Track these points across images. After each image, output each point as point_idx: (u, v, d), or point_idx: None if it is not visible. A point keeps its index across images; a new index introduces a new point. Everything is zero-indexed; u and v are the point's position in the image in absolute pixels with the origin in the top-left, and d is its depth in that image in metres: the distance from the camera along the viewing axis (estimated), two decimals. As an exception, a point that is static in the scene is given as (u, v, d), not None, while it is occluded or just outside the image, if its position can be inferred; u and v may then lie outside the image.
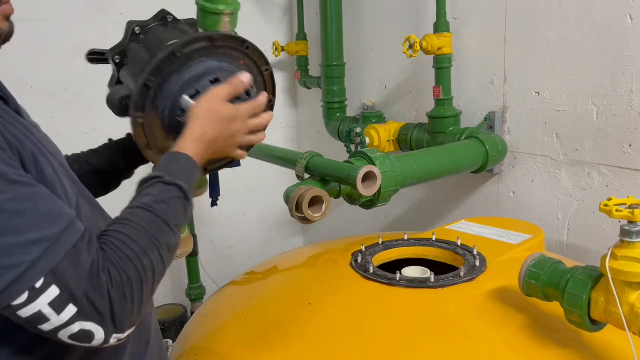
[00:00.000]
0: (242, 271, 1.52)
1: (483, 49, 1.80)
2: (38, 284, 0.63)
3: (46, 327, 0.65)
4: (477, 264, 1.25)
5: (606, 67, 1.50)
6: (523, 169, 1.75)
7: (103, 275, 0.67)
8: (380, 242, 1.41)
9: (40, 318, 0.64)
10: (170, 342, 2.01)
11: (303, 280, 1.37)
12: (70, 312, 0.65)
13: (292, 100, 2.80)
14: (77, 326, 0.66)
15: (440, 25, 1.74)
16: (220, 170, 1.07)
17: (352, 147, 2.01)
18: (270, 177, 2.55)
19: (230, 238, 2.72)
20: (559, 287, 0.95)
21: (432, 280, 1.18)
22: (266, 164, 1.75)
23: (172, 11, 0.99)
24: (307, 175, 1.42)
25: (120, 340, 0.70)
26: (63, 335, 0.66)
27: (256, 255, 2.73)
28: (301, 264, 1.52)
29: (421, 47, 1.70)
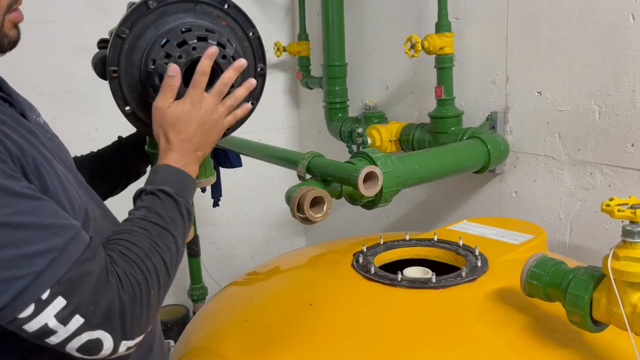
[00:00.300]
0: (244, 272, 1.52)
1: (485, 48, 1.80)
2: (44, 296, 0.62)
3: (53, 340, 0.64)
4: (479, 264, 1.24)
5: (608, 67, 1.49)
6: (525, 169, 1.75)
7: (113, 279, 0.68)
8: (381, 242, 1.41)
9: (47, 331, 0.63)
10: (172, 342, 2.00)
11: (304, 281, 1.37)
12: (77, 322, 0.64)
13: (293, 101, 2.80)
14: (85, 336, 0.65)
15: (442, 25, 1.73)
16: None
17: (354, 147, 2.01)
18: (271, 177, 2.55)
19: (232, 238, 2.73)
20: (560, 288, 0.94)
21: (434, 280, 1.17)
22: (268, 165, 1.75)
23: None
24: (308, 176, 1.42)
25: (129, 348, 0.69)
26: (71, 348, 0.65)
27: (258, 256, 2.73)
28: (302, 264, 1.52)
29: (423, 47, 1.70)
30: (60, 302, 0.63)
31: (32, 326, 0.63)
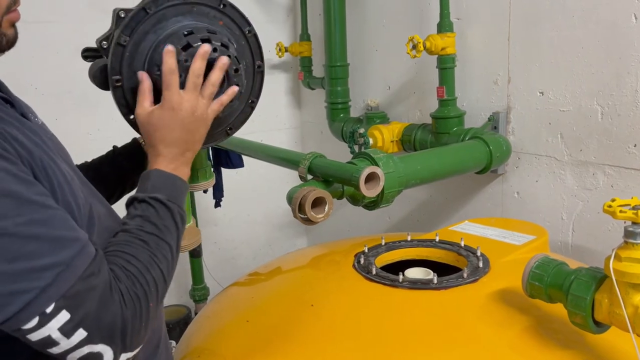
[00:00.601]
0: (245, 272, 1.52)
1: (487, 49, 1.79)
2: (48, 309, 0.63)
3: (55, 350, 0.65)
4: (481, 265, 1.24)
5: (611, 67, 1.49)
6: (527, 170, 1.75)
7: (116, 295, 0.69)
8: (383, 243, 1.40)
9: (49, 342, 0.65)
10: (174, 343, 2.00)
11: (305, 282, 1.37)
12: (80, 335, 0.65)
13: (295, 101, 2.80)
14: (86, 349, 0.66)
15: (444, 26, 1.73)
16: (219, 139, 1.02)
17: (356, 147, 2.01)
18: (273, 178, 2.55)
19: (234, 239, 2.73)
20: (562, 289, 0.94)
21: (435, 281, 1.17)
22: (269, 165, 1.75)
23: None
24: (310, 176, 1.42)
25: (128, 359, 0.71)
26: (72, 358, 0.67)
27: (260, 256, 2.73)
28: (304, 265, 1.52)
29: (425, 48, 1.69)
30: (64, 316, 0.64)
31: (35, 336, 0.64)
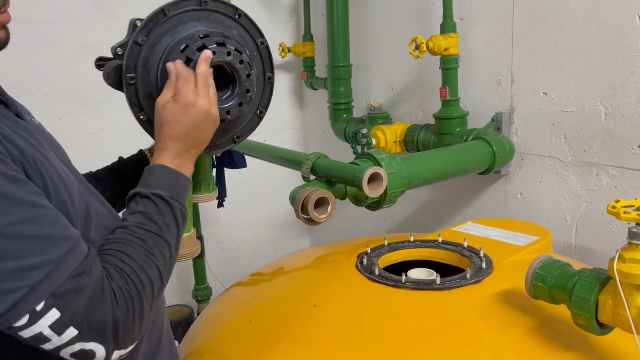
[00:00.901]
0: (248, 272, 1.53)
1: (490, 49, 1.79)
2: (39, 307, 0.63)
3: (48, 347, 0.66)
4: (484, 266, 1.24)
5: (615, 68, 1.48)
6: (531, 171, 1.74)
7: (108, 294, 0.68)
8: (386, 244, 1.40)
9: (41, 339, 0.65)
10: (177, 343, 2.00)
11: (308, 282, 1.37)
12: (71, 333, 0.65)
13: (298, 102, 2.80)
14: (78, 346, 0.66)
15: (447, 26, 1.73)
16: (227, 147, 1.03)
17: (359, 148, 2.01)
18: (276, 178, 2.54)
19: (237, 239, 2.73)
20: (566, 290, 0.94)
21: (438, 282, 1.17)
22: (272, 166, 1.75)
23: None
24: (313, 177, 1.42)
25: (122, 356, 0.71)
26: (65, 354, 0.67)
27: (263, 257, 2.73)
28: (307, 265, 1.52)
29: (428, 48, 1.69)
30: (54, 314, 0.64)
31: (27, 334, 0.65)
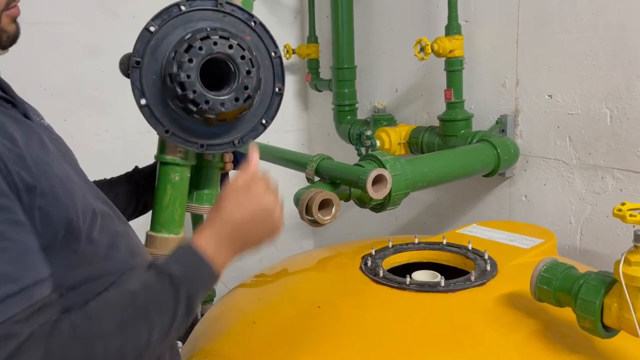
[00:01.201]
0: (251, 273, 1.52)
1: (495, 51, 1.79)
2: None
3: None
4: (488, 268, 1.24)
5: (620, 70, 1.48)
6: (535, 173, 1.74)
7: (38, 350, 0.61)
8: (390, 245, 1.40)
9: None
10: (180, 344, 2.00)
11: (312, 284, 1.37)
12: None
13: (302, 103, 2.80)
14: None
15: (452, 28, 1.73)
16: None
17: (363, 150, 2.01)
18: (280, 179, 2.53)
19: (241, 240, 2.73)
20: (571, 293, 0.93)
21: (443, 284, 1.17)
22: (276, 167, 1.75)
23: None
24: (317, 178, 1.42)
25: None
26: None
27: (266, 258, 2.72)
28: (311, 267, 1.52)
29: (432, 50, 1.69)
30: None
31: None
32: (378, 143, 1.94)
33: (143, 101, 0.91)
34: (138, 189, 1.12)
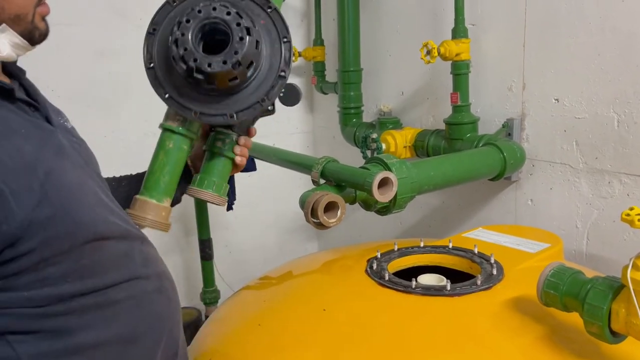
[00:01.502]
0: (256, 275, 1.52)
1: (501, 55, 1.79)
2: None
3: None
4: (494, 272, 1.23)
5: (628, 74, 1.47)
6: (541, 177, 1.73)
7: None
8: (395, 248, 1.40)
9: None
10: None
11: (318, 286, 1.37)
12: None
13: (308, 106, 2.80)
14: None
15: (459, 31, 1.73)
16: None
17: (368, 152, 2.00)
18: (285, 182, 2.55)
19: (245, 242, 2.73)
20: (578, 298, 0.93)
21: (449, 288, 1.16)
22: (282, 169, 1.75)
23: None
24: (322, 181, 1.42)
25: None
26: None
27: (271, 260, 2.73)
28: (316, 269, 1.52)
29: (439, 53, 1.69)
30: None
31: None
32: (384, 146, 1.94)
33: (150, 64, 0.95)
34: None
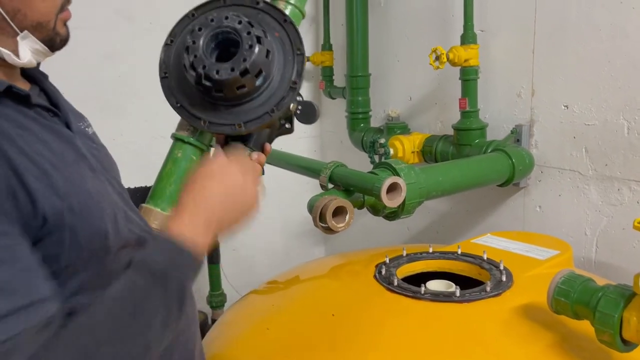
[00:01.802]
0: (263, 280, 1.52)
1: (510, 61, 1.78)
2: None
3: None
4: (504, 279, 1.22)
5: (638, 81, 1.47)
6: (550, 183, 1.72)
7: None
8: (404, 254, 1.39)
9: None
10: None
11: (326, 291, 1.37)
12: None
13: (316, 110, 2.81)
14: None
15: (468, 37, 1.72)
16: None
17: (376, 157, 2.00)
18: (293, 186, 2.55)
19: (252, 246, 2.73)
20: (589, 306, 0.92)
21: (458, 294, 1.16)
22: (290, 173, 1.75)
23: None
24: (331, 185, 1.42)
25: None
26: None
27: (278, 264, 2.72)
28: (324, 274, 1.52)
29: (448, 59, 1.69)
30: None
31: None
32: (391, 151, 1.94)
33: (165, 74, 0.95)
34: None
